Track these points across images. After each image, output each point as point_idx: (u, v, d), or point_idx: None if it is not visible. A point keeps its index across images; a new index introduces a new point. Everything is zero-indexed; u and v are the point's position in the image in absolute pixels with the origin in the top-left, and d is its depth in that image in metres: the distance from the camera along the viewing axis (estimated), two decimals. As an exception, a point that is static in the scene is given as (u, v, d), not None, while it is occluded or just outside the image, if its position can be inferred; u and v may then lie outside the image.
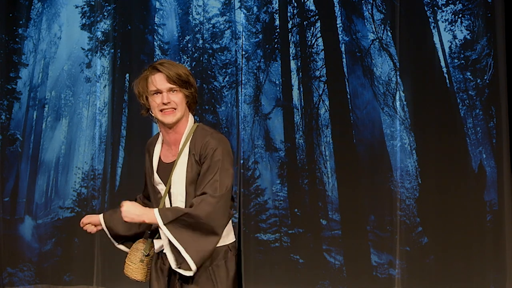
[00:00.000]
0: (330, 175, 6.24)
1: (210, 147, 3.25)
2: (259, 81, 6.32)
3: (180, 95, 3.31)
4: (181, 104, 3.31)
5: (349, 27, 6.31)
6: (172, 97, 3.29)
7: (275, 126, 6.31)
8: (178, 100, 3.30)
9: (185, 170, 3.29)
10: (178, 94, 3.30)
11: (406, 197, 6.18)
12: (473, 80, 6.20)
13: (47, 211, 6.34)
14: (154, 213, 3.19)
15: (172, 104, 3.29)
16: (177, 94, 3.30)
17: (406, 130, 6.22)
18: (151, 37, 6.42)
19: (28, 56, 6.45)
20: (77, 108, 6.41)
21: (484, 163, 6.16)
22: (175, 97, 3.30)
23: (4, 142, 6.37)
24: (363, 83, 6.29)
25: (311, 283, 6.17)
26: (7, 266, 6.29)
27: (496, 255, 6.05)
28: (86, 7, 6.44)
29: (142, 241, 3.47)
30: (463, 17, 6.24)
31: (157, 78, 3.30)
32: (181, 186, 3.29)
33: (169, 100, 3.28)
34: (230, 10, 6.34)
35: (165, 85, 3.29)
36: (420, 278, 6.10)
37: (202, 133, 3.32)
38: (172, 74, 3.28)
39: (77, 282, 6.26)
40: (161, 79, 3.30)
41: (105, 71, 6.38)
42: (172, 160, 3.35)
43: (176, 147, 3.36)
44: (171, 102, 3.29)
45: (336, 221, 6.21)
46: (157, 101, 3.30)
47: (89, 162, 6.34)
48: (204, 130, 3.34)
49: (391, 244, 6.13)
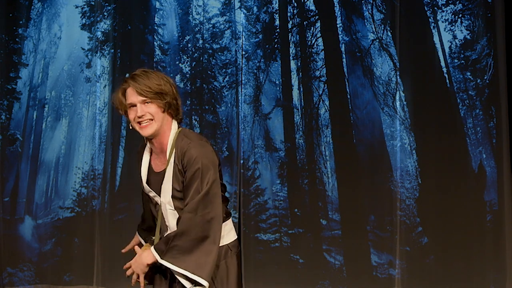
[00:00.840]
0: (330, 175, 6.23)
1: (188, 156, 3.25)
2: (259, 81, 6.32)
3: (153, 106, 3.29)
4: (156, 114, 3.29)
5: (349, 27, 6.31)
6: (146, 109, 3.28)
7: (275, 126, 6.31)
8: (153, 111, 3.29)
9: (171, 180, 3.30)
10: (151, 106, 3.28)
11: (406, 197, 6.18)
12: (473, 80, 6.20)
13: (47, 211, 6.34)
14: (152, 253, 3.27)
15: (147, 115, 3.28)
16: (150, 106, 3.28)
17: (406, 130, 6.22)
18: (151, 37, 6.42)
19: (28, 56, 6.44)
20: (77, 108, 6.41)
21: (484, 163, 6.16)
22: (149, 109, 3.28)
23: (4, 142, 6.37)
24: (363, 83, 6.28)
25: (311, 283, 6.16)
26: (7, 266, 6.29)
27: (496, 255, 6.05)
28: (86, 7, 6.44)
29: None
30: (463, 17, 6.24)
31: (130, 92, 3.30)
32: (168, 196, 3.31)
33: (143, 113, 3.28)
34: (230, 10, 6.34)
35: (137, 98, 3.28)
36: (420, 278, 6.10)
37: (182, 141, 3.30)
38: (141, 88, 3.25)
39: (77, 282, 6.26)
40: (132, 93, 3.29)
41: (105, 71, 6.38)
42: (163, 168, 3.35)
43: (163, 155, 3.37)
44: (145, 114, 3.28)
45: (336, 221, 6.21)
46: (132, 115, 3.31)
47: (89, 162, 6.33)
48: (185, 138, 3.31)
49: (391, 244, 6.13)
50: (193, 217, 3.20)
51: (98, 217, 6.24)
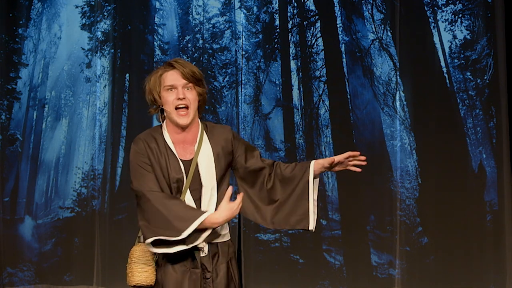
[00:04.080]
0: (330, 175, 6.24)
1: (230, 136, 3.43)
2: (259, 81, 6.32)
3: (194, 93, 3.34)
4: (194, 102, 3.35)
5: (349, 27, 6.31)
6: (187, 94, 3.32)
7: (275, 126, 6.31)
8: (192, 98, 3.33)
9: (213, 165, 3.35)
10: (192, 92, 3.34)
11: (406, 197, 6.18)
12: (473, 80, 6.20)
13: (47, 211, 6.34)
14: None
15: (186, 101, 3.31)
16: (192, 92, 3.34)
17: (406, 130, 6.22)
18: (151, 37, 6.42)
19: (28, 56, 6.45)
20: (77, 108, 6.41)
21: (484, 163, 6.16)
22: (189, 94, 3.33)
23: (4, 142, 6.37)
24: (363, 83, 6.29)
25: (311, 283, 6.17)
26: (7, 266, 6.29)
27: (496, 255, 6.05)
28: (86, 7, 6.44)
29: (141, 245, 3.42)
30: (463, 17, 6.24)
31: (171, 74, 3.32)
32: (214, 180, 3.35)
33: (184, 96, 3.31)
34: (230, 10, 6.34)
35: (180, 81, 3.31)
36: (420, 278, 6.10)
37: (216, 129, 3.47)
38: (186, 71, 3.31)
39: (77, 282, 6.26)
40: (176, 76, 3.32)
41: (105, 71, 6.38)
42: (190, 157, 3.36)
43: (191, 144, 3.38)
44: (186, 99, 3.31)
45: (336, 221, 6.21)
46: (171, 97, 3.32)
47: (89, 162, 6.34)
48: (215, 126, 3.50)
49: (391, 244, 6.13)
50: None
51: (98, 217, 6.24)
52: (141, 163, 3.33)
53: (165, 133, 3.39)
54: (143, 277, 3.32)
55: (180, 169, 3.33)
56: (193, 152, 3.36)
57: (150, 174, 3.32)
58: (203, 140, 3.39)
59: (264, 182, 3.44)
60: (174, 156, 3.34)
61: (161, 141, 3.37)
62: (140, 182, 3.33)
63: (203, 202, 3.35)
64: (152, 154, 3.34)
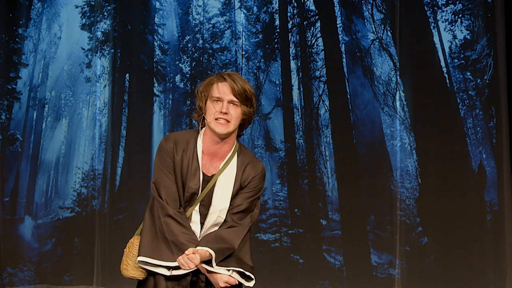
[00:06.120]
0: (330, 175, 6.24)
1: (257, 178, 3.35)
2: (259, 81, 6.32)
3: (238, 111, 3.28)
4: (236, 119, 3.28)
5: (349, 27, 6.31)
6: (231, 110, 3.26)
7: (275, 126, 6.31)
8: (236, 115, 3.27)
9: (232, 187, 3.31)
10: (237, 109, 3.28)
11: (406, 197, 6.18)
12: (473, 80, 6.20)
13: (47, 211, 6.34)
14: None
15: (228, 116, 3.25)
16: (236, 109, 3.28)
17: (406, 130, 6.22)
18: (151, 37, 6.42)
19: (28, 56, 6.45)
20: (77, 108, 6.41)
21: (484, 163, 6.16)
22: (233, 111, 3.27)
23: (4, 142, 6.37)
24: (363, 83, 6.29)
25: (311, 283, 6.17)
26: (7, 266, 6.29)
27: (496, 255, 6.05)
28: (86, 7, 6.44)
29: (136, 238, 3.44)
30: (463, 17, 6.24)
31: (222, 87, 3.28)
32: (226, 201, 3.31)
33: (227, 111, 3.25)
34: (230, 10, 6.34)
35: (228, 96, 3.26)
36: (420, 278, 6.10)
37: (246, 153, 3.38)
38: (237, 88, 3.26)
39: (77, 282, 6.26)
40: (225, 89, 3.27)
41: (105, 71, 6.38)
42: (213, 173, 3.32)
43: (218, 161, 3.33)
44: (228, 114, 3.25)
45: (336, 221, 6.21)
46: (215, 108, 3.27)
47: (89, 162, 6.33)
48: (245, 150, 3.40)
49: (391, 244, 6.13)
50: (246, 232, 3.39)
51: (98, 217, 6.24)
52: (164, 162, 3.31)
53: (199, 140, 3.34)
54: (137, 273, 3.38)
55: (199, 181, 3.30)
56: (217, 169, 3.32)
57: (168, 181, 3.31)
58: (232, 160, 3.33)
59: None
60: (197, 167, 3.30)
61: (192, 147, 3.33)
62: (157, 185, 3.33)
63: (208, 220, 3.34)
64: (177, 155, 3.31)
